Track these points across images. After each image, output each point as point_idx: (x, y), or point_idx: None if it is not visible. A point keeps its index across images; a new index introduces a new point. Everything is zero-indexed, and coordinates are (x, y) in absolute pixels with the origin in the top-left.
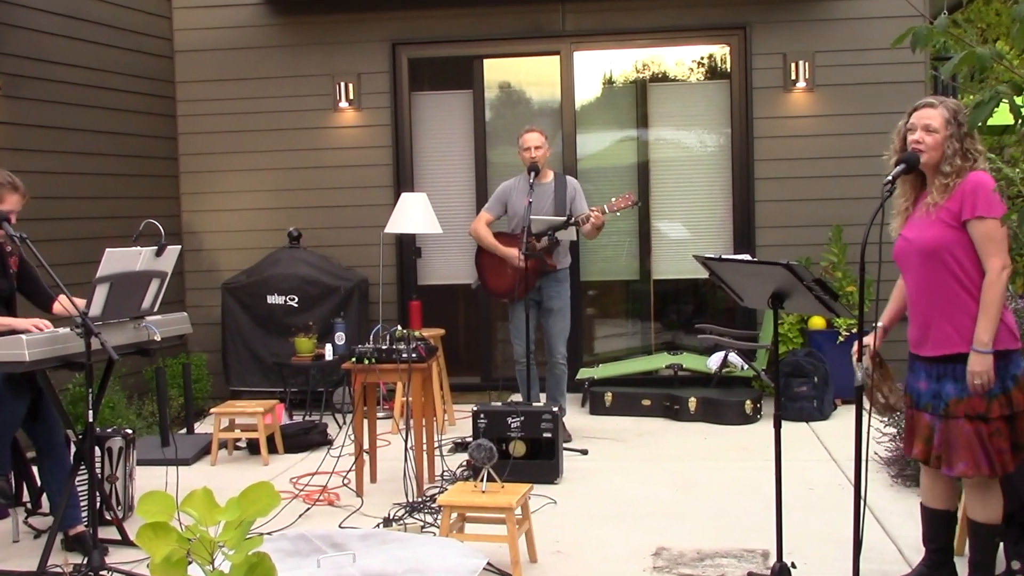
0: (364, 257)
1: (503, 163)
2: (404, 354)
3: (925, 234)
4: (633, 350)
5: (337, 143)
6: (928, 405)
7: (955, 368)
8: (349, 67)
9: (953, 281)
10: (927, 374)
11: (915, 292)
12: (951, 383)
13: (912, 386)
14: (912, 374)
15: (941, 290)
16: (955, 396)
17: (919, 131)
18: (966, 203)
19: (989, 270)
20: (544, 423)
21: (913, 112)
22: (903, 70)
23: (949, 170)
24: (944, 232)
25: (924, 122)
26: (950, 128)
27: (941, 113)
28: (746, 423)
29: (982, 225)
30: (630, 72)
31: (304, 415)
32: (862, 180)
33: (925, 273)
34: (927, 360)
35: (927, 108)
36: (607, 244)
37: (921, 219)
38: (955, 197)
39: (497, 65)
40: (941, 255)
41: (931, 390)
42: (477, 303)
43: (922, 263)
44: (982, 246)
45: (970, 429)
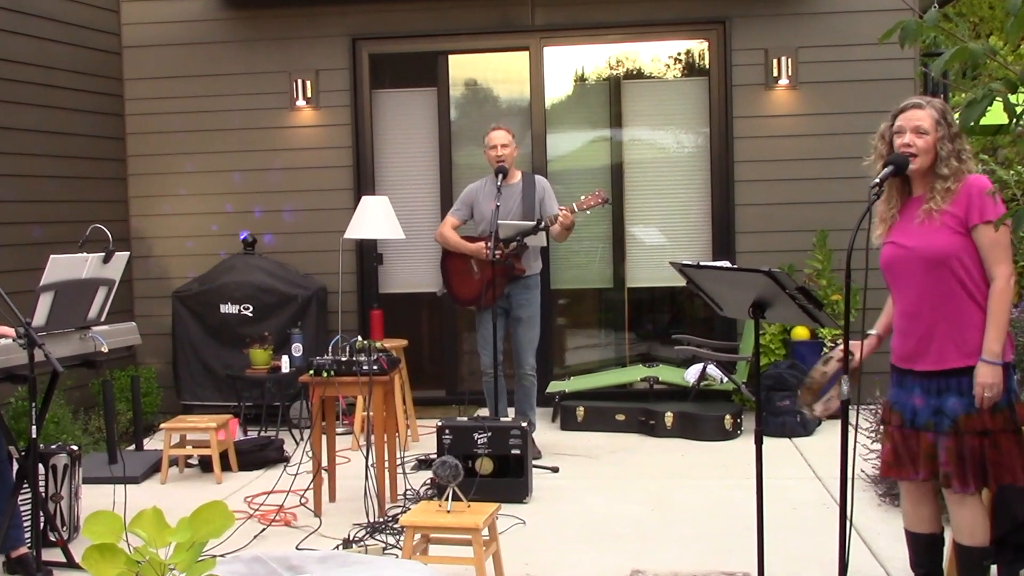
0: (323, 264)
1: (469, 164)
2: (365, 366)
3: (930, 241)
4: (606, 362)
5: (294, 144)
6: (930, 423)
7: (960, 382)
8: (307, 63)
9: (960, 290)
10: (924, 390)
11: (914, 303)
12: (955, 397)
13: (903, 403)
14: (902, 391)
15: (947, 300)
16: (963, 412)
17: (909, 134)
18: (972, 207)
19: (998, 277)
20: (512, 439)
21: (899, 114)
22: (891, 67)
23: (947, 172)
24: (951, 239)
25: (914, 124)
26: (941, 129)
27: (930, 114)
28: (726, 439)
29: (990, 231)
30: (603, 69)
31: (259, 431)
32: (848, 183)
33: (927, 282)
34: (923, 375)
35: (915, 109)
36: (579, 250)
37: (921, 226)
38: (959, 201)
39: (463, 61)
40: (949, 263)
41: (930, 406)
42: (442, 312)
43: (927, 272)
44: (990, 252)
45: (976, 444)
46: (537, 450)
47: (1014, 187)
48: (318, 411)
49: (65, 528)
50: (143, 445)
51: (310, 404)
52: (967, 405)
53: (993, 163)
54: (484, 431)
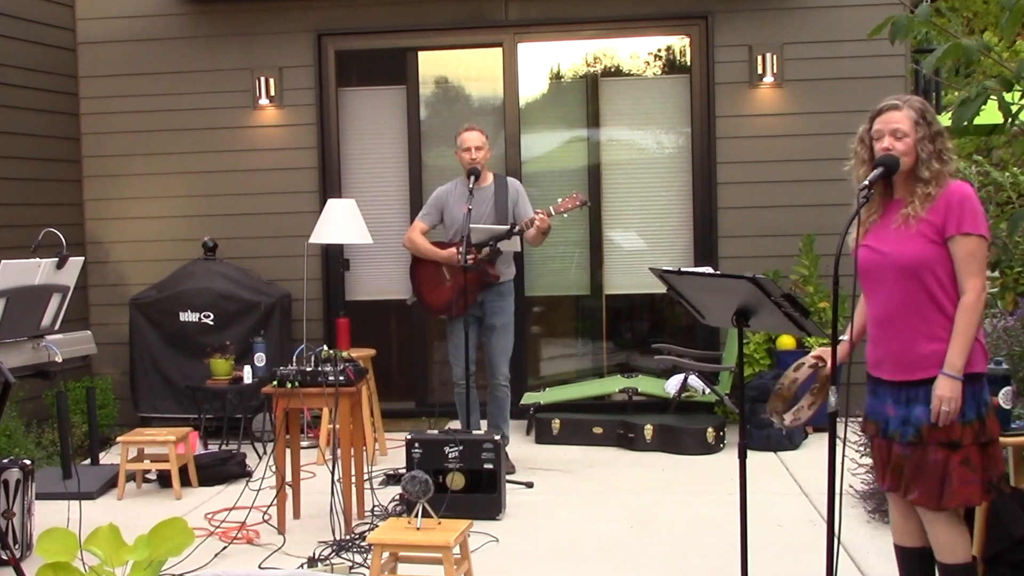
0: (286, 270)
1: (440, 166)
2: (331, 377)
3: (904, 249)
4: (583, 372)
5: (257, 144)
6: (896, 433)
7: (927, 392)
8: (270, 60)
9: (930, 301)
10: (894, 399)
11: (885, 310)
12: (922, 407)
13: (878, 412)
14: (876, 399)
15: (917, 310)
16: (927, 422)
17: (887, 138)
18: (951, 217)
19: (969, 291)
20: (485, 453)
21: (876, 116)
22: (881, 64)
23: (928, 175)
24: (926, 248)
25: (891, 127)
26: (920, 129)
27: (907, 114)
28: (708, 453)
29: (967, 242)
30: (580, 66)
31: (220, 444)
32: (835, 185)
33: (900, 291)
34: (893, 384)
35: (891, 111)
36: (555, 256)
37: (897, 231)
38: (937, 209)
39: (433, 58)
40: (920, 273)
41: (899, 416)
42: (411, 320)
43: (898, 280)
44: (964, 265)
45: (939, 457)
46: (511, 464)
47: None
48: (282, 424)
49: (17, 546)
50: (99, 459)
51: (273, 416)
52: (932, 415)
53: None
54: (455, 445)
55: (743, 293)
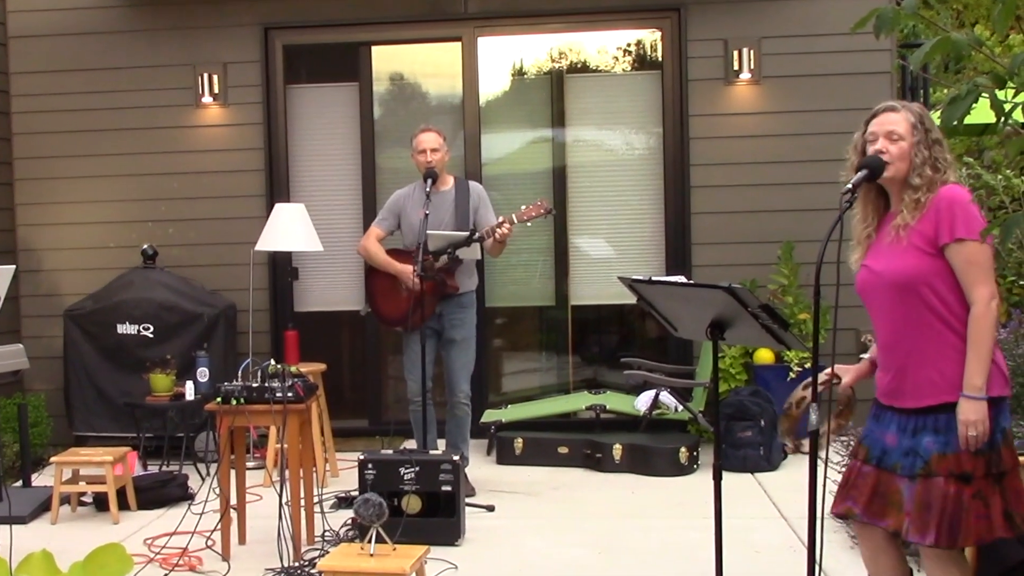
0: (231, 279)
1: (395, 168)
2: (278, 393)
3: (896, 264)
4: (548, 388)
5: (200, 145)
6: (897, 465)
7: (936, 419)
8: (213, 56)
9: (933, 318)
10: (900, 427)
11: (887, 333)
12: (931, 435)
13: (874, 439)
14: (877, 424)
15: (919, 329)
16: (937, 451)
17: (881, 140)
18: (942, 224)
19: (976, 301)
20: (443, 474)
21: (872, 119)
22: (865, 59)
23: (919, 182)
24: (919, 260)
25: (887, 128)
26: (917, 134)
27: (905, 117)
28: (680, 474)
29: (963, 248)
30: (544, 61)
31: (161, 465)
32: (817, 189)
33: (899, 310)
34: (901, 411)
35: (888, 113)
36: (517, 264)
37: (890, 246)
38: (927, 217)
39: (388, 53)
40: (917, 288)
41: (903, 447)
42: (364, 333)
43: (895, 299)
44: (965, 273)
45: (952, 491)
46: (470, 487)
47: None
48: (226, 443)
49: None
50: (31, 481)
51: (217, 435)
52: (943, 444)
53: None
54: (411, 465)
55: (718, 304)
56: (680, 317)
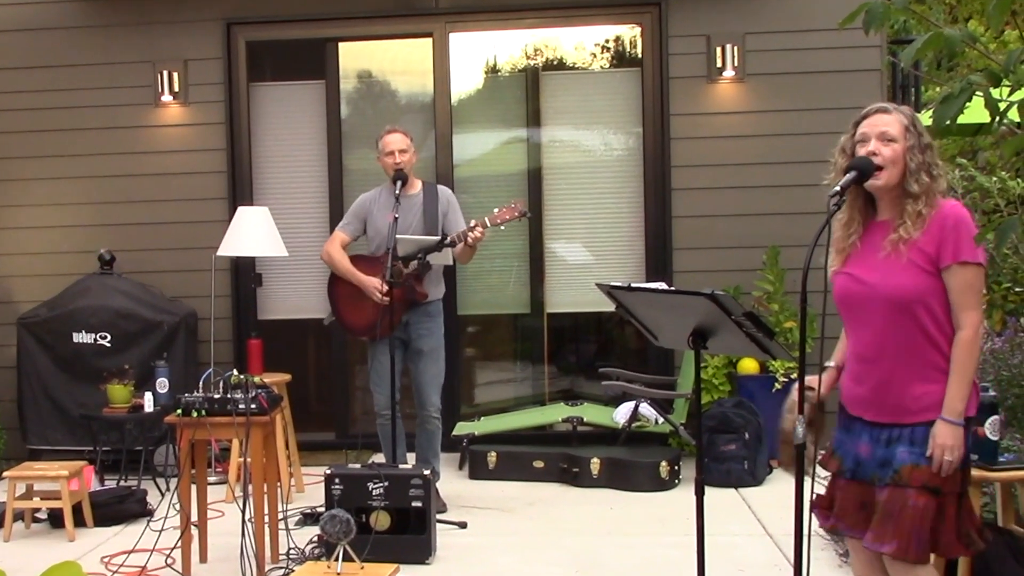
0: (192, 286)
1: (363, 170)
2: (241, 405)
3: (895, 280)
4: (522, 400)
5: (159, 145)
6: (875, 476)
7: (913, 431)
8: (174, 52)
9: (922, 338)
10: (872, 438)
11: (868, 346)
12: (905, 446)
13: (846, 450)
14: (848, 435)
15: (907, 347)
16: (910, 462)
17: (874, 141)
18: (946, 244)
19: (966, 326)
20: (413, 489)
21: (862, 120)
22: (854, 56)
23: (918, 190)
24: (918, 279)
25: (879, 130)
26: (910, 138)
27: (898, 119)
28: (661, 489)
29: (964, 272)
30: (519, 58)
31: (119, 479)
32: (804, 191)
33: (890, 326)
34: (873, 424)
35: (880, 114)
36: (491, 270)
37: (887, 259)
38: (930, 233)
39: (356, 50)
40: (912, 307)
41: (877, 458)
42: (331, 342)
43: (886, 314)
44: (960, 296)
45: (922, 503)
46: (441, 502)
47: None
48: (187, 457)
49: None
50: None
51: (177, 449)
52: (917, 456)
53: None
54: (380, 480)
55: (700, 311)
56: (661, 325)
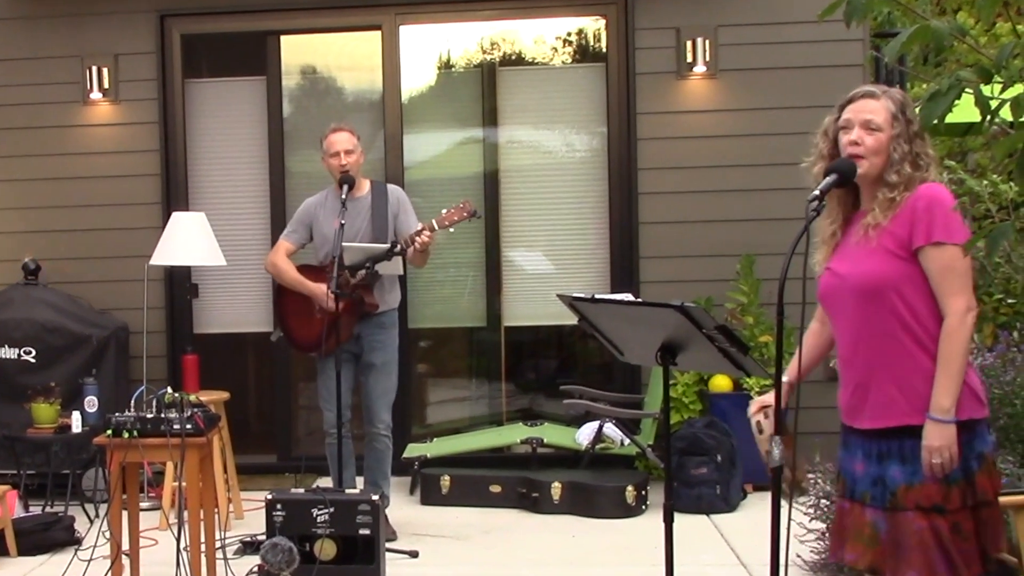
0: (123, 297)
1: (307, 172)
2: (176, 425)
3: (863, 267)
4: (478, 420)
5: (87, 146)
6: (866, 495)
7: (902, 445)
8: (103, 46)
9: (899, 329)
10: (865, 453)
11: (849, 344)
12: (897, 465)
13: (846, 468)
14: (846, 452)
15: (884, 341)
16: (903, 482)
17: (857, 129)
18: (918, 225)
19: (950, 313)
20: (360, 516)
21: (847, 104)
22: (835, 50)
23: (896, 180)
24: (889, 264)
25: (864, 117)
26: (897, 126)
27: (885, 106)
28: (627, 516)
29: (940, 253)
30: (474, 53)
31: (44, 505)
32: (781, 195)
33: (862, 319)
34: (864, 434)
35: (866, 99)
36: (444, 280)
37: (857, 246)
38: (902, 217)
39: (299, 44)
40: (885, 295)
41: (870, 475)
42: (273, 357)
43: (859, 306)
44: (940, 281)
45: (924, 525)
46: (391, 530)
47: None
48: (117, 481)
49: None
50: None
51: (108, 472)
52: (909, 474)
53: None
54: (325, 506)
55: (669, 325)
56: (627, 340)
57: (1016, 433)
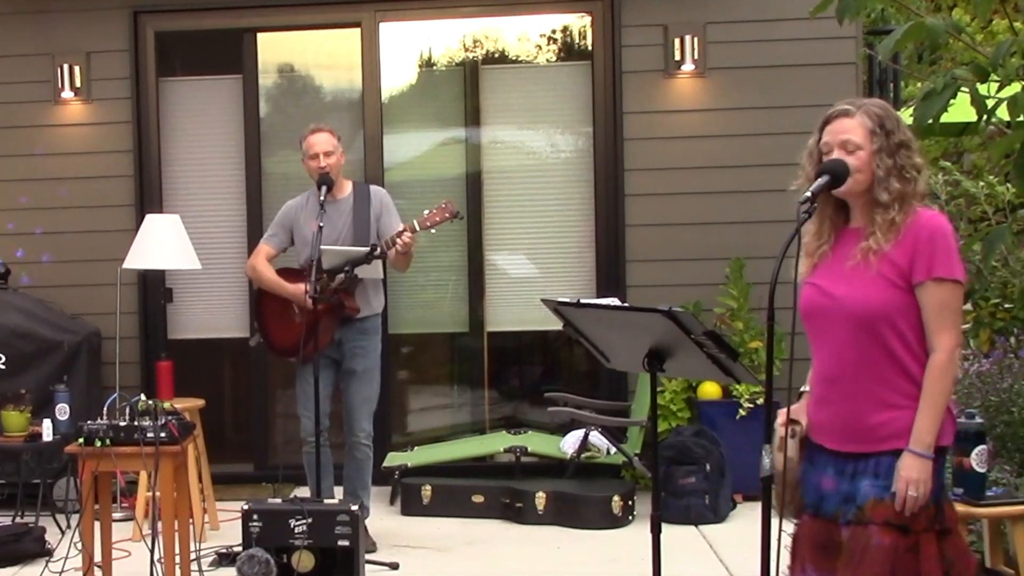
0: (96, 302)
1: (284, 173)
2: (150, 433)
3: (860, 294)
4: (460, 428)
5: (59, 147)
6: (839, 512)
7: (877, 462)
8: (75, 44)
9: (889, 360)
10: (836, 470)
11: (833, 367)
12: (870, 480)
13: (812, 483)
14: (813, 468)
15: (872, 370)
16: (873, 496)
17: (836, 151)
18: (920, 258)
19: (939, 349)
20: (339, 527)
21: (825, 125)
22: (827, 48)
23: (887, 198)
24: (888, 294)
25: (841, 138)
26: (876, 140)
27: (861, 122)
28: (614, 526)
29: (939, 290)
30: (456, 51)
31: (14, 516)
32: (771, 197)
33: (853, 344)
34: (837, 454)
35: (841, 119)
36: (425, 285)
37: (855, 270)
38: (903, 244)
39: (276, 41)
40: (879, 325)
41: (841, 492)
42: (249, 364)
43: (850, 331)
44: (935, 317)
45: (887, 541)
46: (371, 541)
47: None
48: (90, 491)
49: None
50: None
51: (79, 482)
52: (881, 488)
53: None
54: (303, 516)
55: (657, 330)
56: (613, 346)
57: (1013, 442)
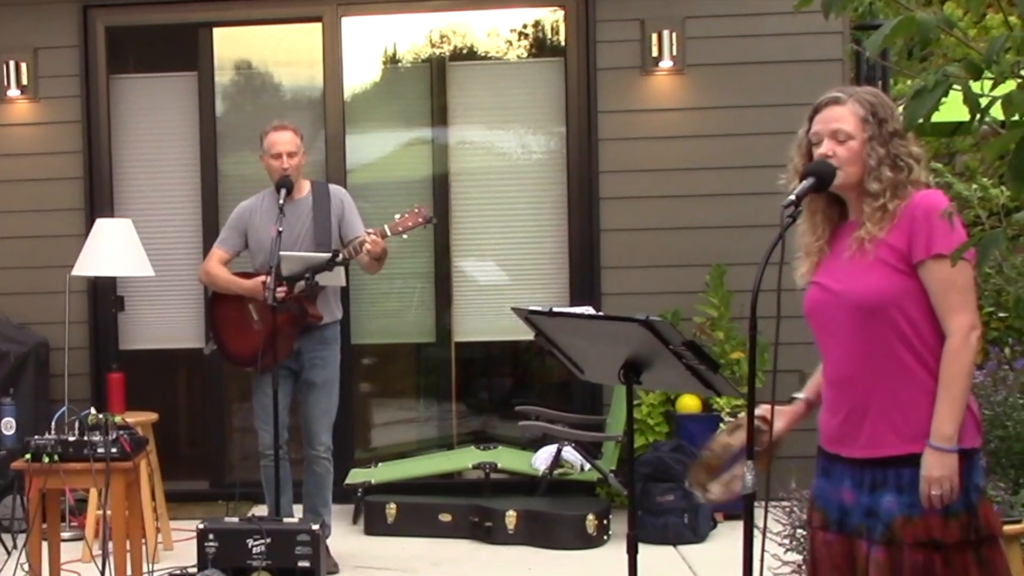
0: (43, 310)
1: (242, 175)
2: (100, 448)
3: (861, 282)
4: (427, 443)
5: (4, 147)
6: (862, 527)
7: (899, 474)
8: (21, 40)
9: (904, 350)
10: (855, 482)
11: (842, 367)
12: (893, 495)
13: (828, 499)
14: (827, 481)
15: (885, 363)
16: (900, 514)
17: (827, 141)
18: (918, 237)
19: (953, 332)
20: (300, 547)
21: (815, 114)
22: (812, 44)
23: (877, 188)
24: (889, 278)
25: (832, 127)
26: (868, 129)
27: (852, 110)
28: (588, 547)
29: (942, 267)
30: (423, 47)
31: None
32: (754, 200)
33: (859, 339)
34: (854, 463)
35: (832, 106)
36: (389, 292)
37: (852, 260)
38: (900, 227)
39: (233, 37)
40: (885, 311)
41: (862, 505)
42: (205, 375)
43: (856, 325)
44: (942, 297)
45: (921, 561)
46: (332, 562)
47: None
48: (37, 509)
49: None
50: None
51: (26, 499)
52: (906, 506)
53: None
54: (261, 536)
55: (633, 340)
56: (587, 357)
57: (1008, 457)
